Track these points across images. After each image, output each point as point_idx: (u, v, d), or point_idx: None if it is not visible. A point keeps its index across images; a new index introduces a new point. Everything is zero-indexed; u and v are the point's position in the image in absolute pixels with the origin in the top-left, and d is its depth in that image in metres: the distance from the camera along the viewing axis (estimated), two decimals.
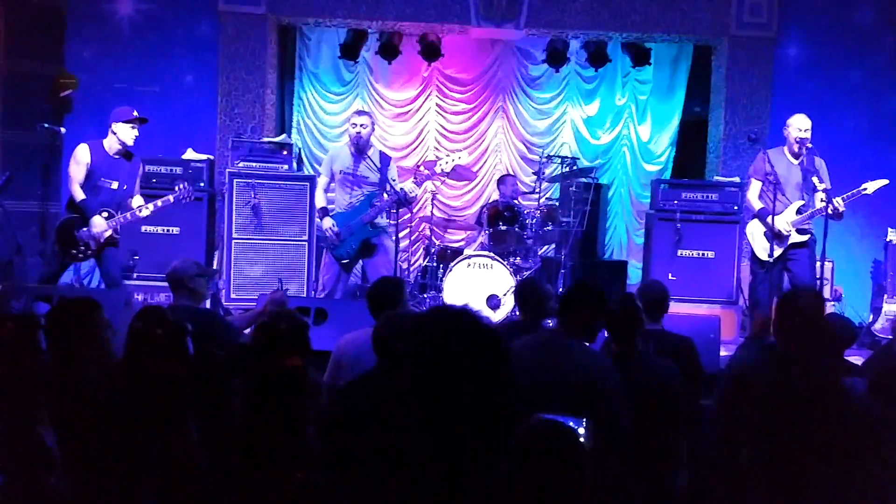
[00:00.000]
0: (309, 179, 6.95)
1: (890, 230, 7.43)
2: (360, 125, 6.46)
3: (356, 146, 6.49)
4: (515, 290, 4.92)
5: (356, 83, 9.40)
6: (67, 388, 2.84)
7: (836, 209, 5.93)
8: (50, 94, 7.79)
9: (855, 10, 8.11)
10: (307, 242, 6.87)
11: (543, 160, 7.75)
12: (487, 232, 7.58)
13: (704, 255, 7.16)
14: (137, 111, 5.94)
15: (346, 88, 9.40)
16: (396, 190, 6.36)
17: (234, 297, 6.77)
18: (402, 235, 7.34)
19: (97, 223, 5.86)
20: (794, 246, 6.19)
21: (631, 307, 3.71)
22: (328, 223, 6.48)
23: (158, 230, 6.97)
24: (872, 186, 6.12)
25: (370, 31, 8.67)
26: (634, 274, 8.33)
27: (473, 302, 6.76)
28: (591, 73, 9.30)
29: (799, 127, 6.20)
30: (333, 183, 6.65)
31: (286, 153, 7.08)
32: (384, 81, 9.41)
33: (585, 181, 7.71)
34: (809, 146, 6.18)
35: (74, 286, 6.42)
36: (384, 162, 6.57)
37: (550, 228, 7.60)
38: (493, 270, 6.98)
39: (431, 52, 8.70)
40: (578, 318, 3.42)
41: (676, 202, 7.20)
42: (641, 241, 8.55)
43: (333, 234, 6.44)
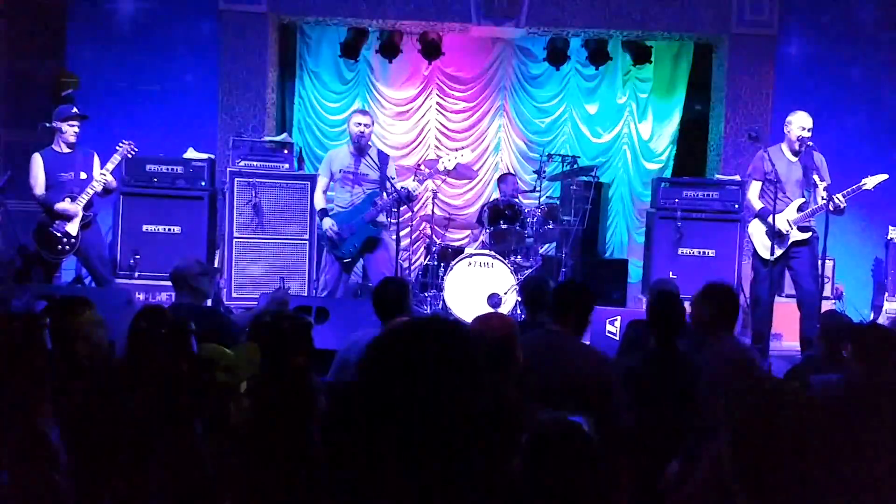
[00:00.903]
0: (310, 178, 6.95)
1: (891, 228, 7.44)
2: (363, 125, 6.46)
3: (357, 145, 6.49)
4: (520, 287, 4.94)
5: (357, 82, 9.39)
6: (70, 387, 2.85)
7: (837, 205, 5.93)
8: (51, 93, 7.79)
9: (856, 7, 8.12)
10: (308, 241, 6.88)
11: (544, 159, 7.76)
12: (488, 231, 7.57)
13: (705, 253, 7.16)
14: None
15: (346, 87, 9.39)
16: (397, 188, 6.36)
17: (235, 296, 6.77)
18: (402, 234, 7.34)
19: (65, 206, 6.11)
20: (796, 244, 6.20)
21: (672, 307, 3.71)
22: (328, 223, 6.48)
23: (159, 229, 6.97)
24: (872, 182, 6.12)
25: (371, 29, 8.67)
26: (635, 273, 8.32)
27: (474, 300, 6.78)
28: (591, 71, 9.28)
29: (801, 125, 6.20)
30: (332, 184, 6.65)
31: (287, 152, 7.08)
32: (385, 80, 9.40)
33: (586, 180, 7.70)
34: (810, 144, 6.19)
35: (76, 286, 6.44)
36: (383, 160, 6.56)
37: (551, 227, 7.60)
38: (493, 269, 6.97)
39: (432, 50, 8.70)
40: (573, 316, 3.53)
41: (677, 200, 7.20)
42: (642, 239, 8.54)
43: (334, 234, 6.44)
